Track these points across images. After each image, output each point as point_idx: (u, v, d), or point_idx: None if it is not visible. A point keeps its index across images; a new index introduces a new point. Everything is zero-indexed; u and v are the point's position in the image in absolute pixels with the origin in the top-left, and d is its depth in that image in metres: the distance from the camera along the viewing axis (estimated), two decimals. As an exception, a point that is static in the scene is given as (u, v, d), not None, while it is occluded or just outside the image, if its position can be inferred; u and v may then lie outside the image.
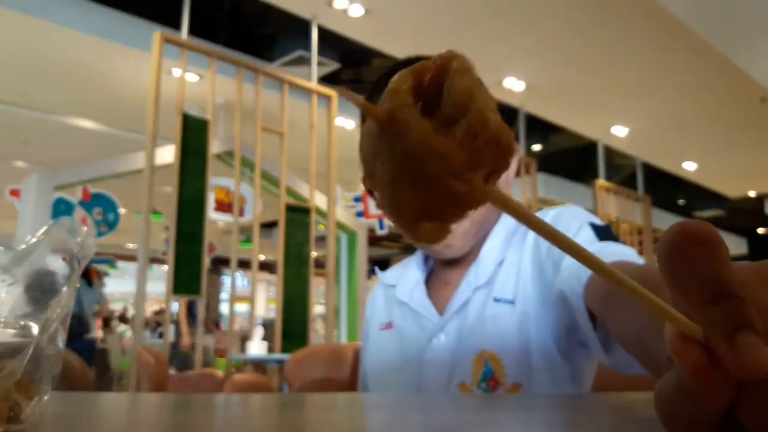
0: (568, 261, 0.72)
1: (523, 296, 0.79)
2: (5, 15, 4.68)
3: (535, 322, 0.77)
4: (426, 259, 0.94)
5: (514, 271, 0.81)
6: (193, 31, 4.86)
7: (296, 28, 5.62)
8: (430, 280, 0.91)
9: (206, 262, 4.29)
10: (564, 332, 0.76)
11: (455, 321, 0.82)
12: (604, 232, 0.75)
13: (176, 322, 6.64)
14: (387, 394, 0.86)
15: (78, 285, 0.42)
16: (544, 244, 0.77)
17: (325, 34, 5.64)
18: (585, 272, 0.67)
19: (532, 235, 0.82)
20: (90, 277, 5.66)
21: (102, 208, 6.03)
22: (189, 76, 5.11)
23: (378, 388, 0.91)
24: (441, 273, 0.90)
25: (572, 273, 0.70)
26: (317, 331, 9.95)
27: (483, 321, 0.79)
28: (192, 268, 4.15)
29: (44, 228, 0.40)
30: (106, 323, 7.76)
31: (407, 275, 0.93)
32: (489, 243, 0.86)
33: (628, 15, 5.34)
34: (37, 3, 4.86)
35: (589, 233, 0.74)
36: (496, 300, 0.80)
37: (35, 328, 0.37)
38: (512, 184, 0.88)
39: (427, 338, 0.83)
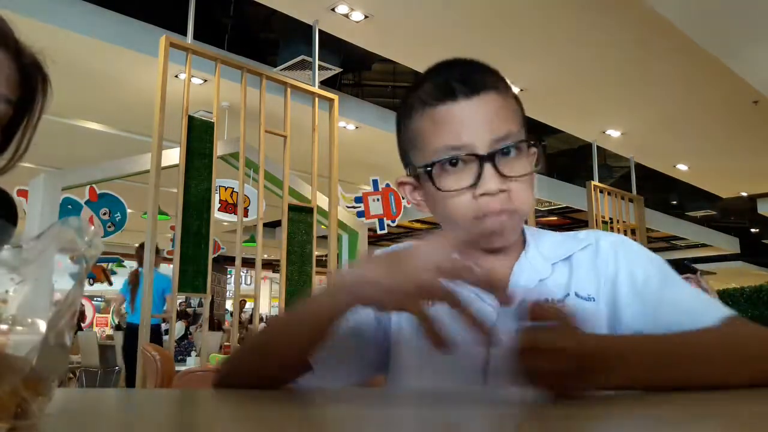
0: (677, 293, 0.79)
1: (609, 298, 0.82)
2: (14, 20, 4.75)
3: (626, 322, 0.80)
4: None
5: (592, 272, 0.84)
6: (198, 36, 4.93)
7: (299, 32, 5.68)
8: None
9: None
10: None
11: (514, 312, 0.79)
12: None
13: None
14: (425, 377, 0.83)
15: (85, 283, 0.41)
16: (640, 272, 0.83)
17: (327, 39, 5.71)
18: (703, 315, 0.73)
19: (604, 245, 0.86)
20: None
21: (109, 208, 6.12)
22: (194, 79, 5.19)
23: (429, 361, 0.82)
24: (479, 261, 0.86)
25: (682, 308, 0.77)
26: (319, 328, 10.04)
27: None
28: (197, 266, 4.24)
29: (49, 225, 0.40)
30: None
31: None
32: (532, 241, 0.88)
33: (621, 19, 5.42)
34: (46, 8, 4.93)
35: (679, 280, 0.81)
36: (578, 296, 0.81)
37: (43, 326, 0.37)
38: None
39: (491, 322, 0.78)
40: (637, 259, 0.84)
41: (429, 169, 0.82)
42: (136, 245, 5.33)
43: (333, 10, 5.22)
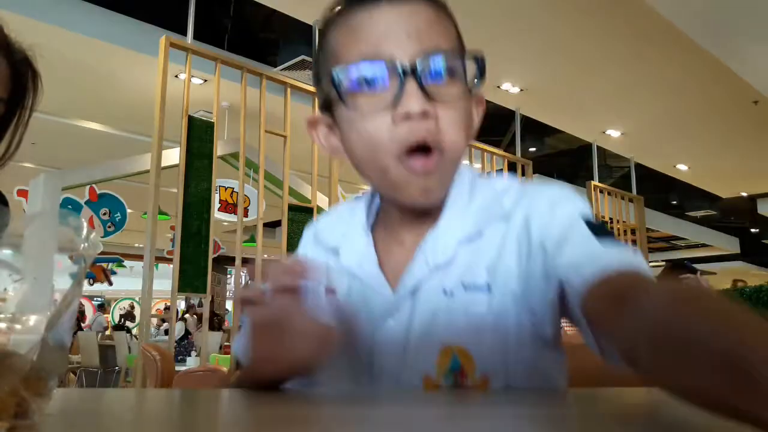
0: (572, 248, 0.61)
1: (503, 282, 0.65)
2: (14, 19, 4.75)
3: (514, 312, 0.65)
4: (369, 205, 0.77)
5: (494, 253, 0.66)
6: (198, 36, 4.95)
7: (299, 32, 5.69)
8: (378, 237, 0.74)
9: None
10: (547, 323, 0.65)
11: (409, 303, 0.68)
12: (599, 229, 0.62)
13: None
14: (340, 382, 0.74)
15: (84, 282, 0.41)
16: (536, 223, 0.66)
17: (327, 39, 5.71)
18: (589, 266, 0.57)
19: (521, 213, 0.67)
20: None
21: (109, 208, 6.14)
22: (194, 79, 5.19)
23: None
24: (395, 227, 0.74)
25: (573, 262, 0.60)
26: (318, 328, 10.07)
27: (450, 312, 0.66)
28: (197, 266, 4.25)
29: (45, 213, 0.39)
30: None
31: (352, 236, 0.75)
32: (450, 212, 0.70)
33: (621, 20, 5.42)
34: (46, 7, 4.93)
35: (584, 229, 0.62)
36: (465, 287, 0.66)
37: (42, 324, 0.37)
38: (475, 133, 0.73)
39: (378, 320, 0.69)
40: (538, 210, 0.66)
41: (341, 88, 0.65)
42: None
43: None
